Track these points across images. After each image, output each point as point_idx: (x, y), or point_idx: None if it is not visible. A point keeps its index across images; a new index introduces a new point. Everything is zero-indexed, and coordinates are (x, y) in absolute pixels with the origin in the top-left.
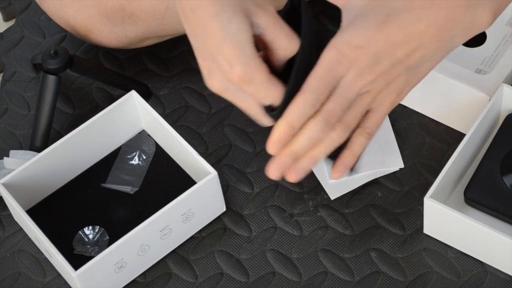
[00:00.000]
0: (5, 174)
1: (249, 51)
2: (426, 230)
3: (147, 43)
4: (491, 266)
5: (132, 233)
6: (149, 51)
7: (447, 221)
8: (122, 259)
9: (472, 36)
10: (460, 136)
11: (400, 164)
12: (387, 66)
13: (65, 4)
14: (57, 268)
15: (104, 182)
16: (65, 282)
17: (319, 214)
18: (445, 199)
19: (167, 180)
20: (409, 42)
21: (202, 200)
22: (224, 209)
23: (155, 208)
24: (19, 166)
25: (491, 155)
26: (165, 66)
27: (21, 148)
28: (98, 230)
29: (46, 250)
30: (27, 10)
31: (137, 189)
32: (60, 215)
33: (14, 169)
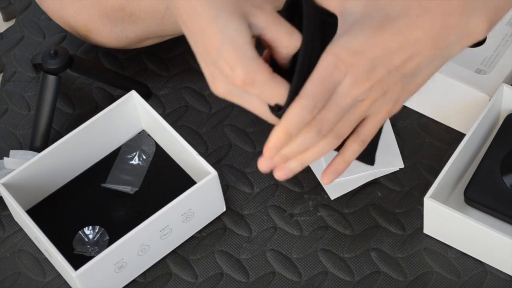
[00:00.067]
0: (5, 174)
1: (249, 52)
2: (426, 230)
3: (147, 43)
4: (491, 266)
5: (132, 233)
6: (149, 51)
7: (447, 221)
8: (122, 259)
9: (469, 45)
10: (460, 136)
11: (400, 164)
12: (384, 73)
13: (65, 4)
14: (57, 268)
15: (104, 182)
16: (65, 282)
17: (319, 214)
18: (445, 199)
19: (167, 180)
20: (405, 48)
21: (202, 200)
22: (224, 209)
23: (155, 208)
24: (19, 166)
25: (491, 155)
26: (165, 66)
27: (21, 148)
28: (98, 230)
29: (46, 250)
30: (27, 10)
31: (137, 189)
32: (60, 215)
33: (14, 169)
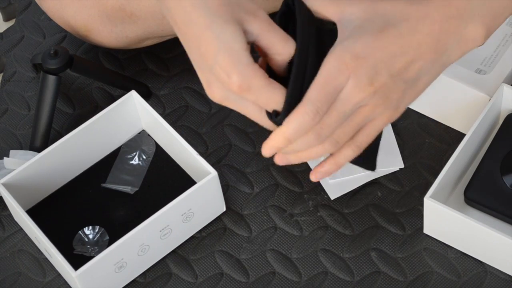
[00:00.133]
0: (5, 174)
1: (244, 58)
2: (426, 230)
3: (147, 43)
4: (491, 266)
5: (132, 233)
6: (149, 51)
7: (447, 221)
8: (122, 259)
9: (468, 52)
10: (460, 136)
11: (400, 164)
12: (387, 78)
13: (65, 4)
14: (57, 268)
15: (104, 182)
16: (65, 282)
17: (319, 214)
18: (445, 199)
19: (167, 180)
20: (407, 52)
21: (202, 200)
22: (224, 209)
23: (155, 208)
24: (19, 166)
25: (491, 155)
26: (165, 66)
27: (21, 148)
28: (98, 230)
29: (46, 250)
30: (27, 10)
31: (137, 189)
32: (60, 215)
33: (14, 169)
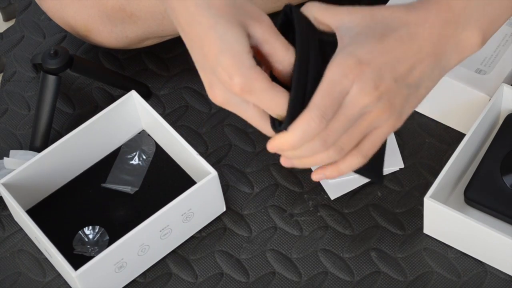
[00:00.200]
0: (5, 174)
1: (247, 61)
2: (426, 230)
3: (147, 43)
4: (491, 266)
5: (132, 233)
6: (149, 51)
7: (447, 221)
8: (122, 259)
9: (466, 56)
10: (460, 136)
11: (400, 164)
12: (390, 82)
13: (65, 4)
14: (57, 268)
15: (104, 182)
16: (65, 282)
17: (319, 214)
18: (445, 199)
19: (167, 180)
20: (409, 56)
21: (202, 200)
22: (224, 209)
23: (155, 208)
24: (19, 166)
25: (491, 155)
26: (165, 66)
27: (21, 148)
28: (98, 230)
29: (46, 250)
30: (27, 10)
31: (137, 189)
32: (60, 215)
33: (14, 169)
